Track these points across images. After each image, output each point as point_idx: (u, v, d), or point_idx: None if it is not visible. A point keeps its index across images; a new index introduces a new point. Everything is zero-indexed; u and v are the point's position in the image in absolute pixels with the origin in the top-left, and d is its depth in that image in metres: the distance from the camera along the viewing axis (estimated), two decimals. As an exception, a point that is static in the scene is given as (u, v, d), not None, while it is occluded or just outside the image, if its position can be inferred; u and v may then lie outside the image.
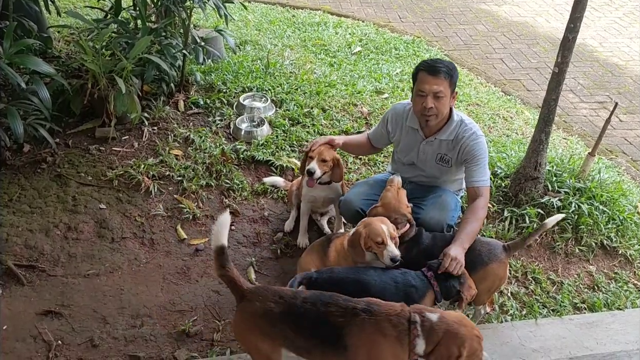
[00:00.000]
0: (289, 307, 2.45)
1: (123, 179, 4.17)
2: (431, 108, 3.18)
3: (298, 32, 7.11)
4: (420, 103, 3.22)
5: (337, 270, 2.87)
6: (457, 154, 3.35)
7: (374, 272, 2.86)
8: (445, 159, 3.41)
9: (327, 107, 5.16)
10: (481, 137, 3.33)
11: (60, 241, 3.70)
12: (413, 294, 2.78)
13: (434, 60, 3.24)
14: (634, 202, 4.30)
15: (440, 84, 3.14)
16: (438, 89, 3.14)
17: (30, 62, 3.85)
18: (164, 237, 3.84)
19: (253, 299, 2.51)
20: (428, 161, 3.46)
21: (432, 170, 3.50)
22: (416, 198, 3.45)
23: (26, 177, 4.11)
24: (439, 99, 3.16)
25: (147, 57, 4.44)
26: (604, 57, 7.48)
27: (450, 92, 3.21)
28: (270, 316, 2.46)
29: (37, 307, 3.26)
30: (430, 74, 3.15)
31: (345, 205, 3.56)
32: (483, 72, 6.79)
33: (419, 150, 3.45)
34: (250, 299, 2.52)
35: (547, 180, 4.16)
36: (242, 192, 4.21)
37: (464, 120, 3.35)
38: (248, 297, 2.52)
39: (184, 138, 4.62)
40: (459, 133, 3.32)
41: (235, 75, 5.52)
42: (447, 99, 3.20)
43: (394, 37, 7.29)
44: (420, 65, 3.25)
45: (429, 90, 3.15)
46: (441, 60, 3.24)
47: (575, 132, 5.66)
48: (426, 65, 3.21)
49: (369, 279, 2.79)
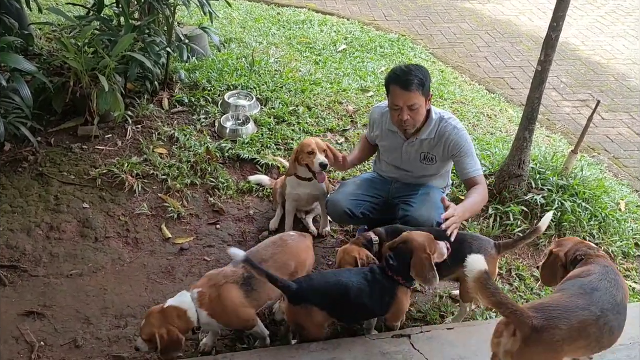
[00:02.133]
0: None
1: (106, 177, 4.13)
2: (407, 120, 3.19)
3: (283, 30, 7.10)
4: (395, 115, 3.22)
5: (315, 277, 2.87)
6: (442, 150, 3.36)
7: (348, 273, 2.85)
8: (429, 157, 3.42)
9: (312, 105, 5.16)
10: (462, 129, 3.34)
11: (42, 241, 3.66)
12: (385, 290, 2.80)
13: (404, 72, 3.14)
14: (616, 199, 4.35)
15: (413, 97, 3.12)
16: (411, 102, 3.13)
17: (11, 60, 3.79)
18: (148, 236, 3.81)
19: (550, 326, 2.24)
20: (412, 161, 3.47)
21: (418, 170, 3.50)
22: (403, 196, 3.46)
23: (7, 176, 4.05)
24: (413, 111, 3.17)
25: (130, 55, 4.39)
26: (586, 55, 7.56)
27: (425, 100, 3.20)
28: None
29: (18, 308, 3.22)
30: (402, 88, 3.12)
31: (332, 205, 3.54)
32: (467, 70, 6.83)
33: (402, 151, 3.46)
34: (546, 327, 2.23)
35: (530, 178, 4.20)
36: (227, 191, 4.19)
37: (443, 116, 3.36)
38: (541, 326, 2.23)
39: (168, 136, 4.59)
40: (440, 130, 3.33)
41: (220, 73, 5.49)
42: (422, 108, 3.20)
43: (379, 35, 7.30)
44: (392, 77, 3.19)
45: (402, 104, 3.15)
46: (411, 70, 3.15)
47: (558, 130, 5.72)
48: (397, 79, 3.15)
49: (346, 281, 2.78)
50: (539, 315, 2.22)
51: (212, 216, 4.02)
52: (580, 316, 2.25)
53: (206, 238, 3.84)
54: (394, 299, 2.82)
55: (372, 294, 2.77)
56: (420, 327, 3.07)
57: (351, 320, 3.08)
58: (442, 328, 3.06)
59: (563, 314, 2.24)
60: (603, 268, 2.50)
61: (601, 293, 2.35)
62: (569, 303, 2.30)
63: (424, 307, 3.40)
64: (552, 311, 2.25)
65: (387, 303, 2.82)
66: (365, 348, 2.83)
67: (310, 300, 2.70)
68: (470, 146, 3.34)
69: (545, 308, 2.26)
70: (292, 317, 2.76)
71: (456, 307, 3.42)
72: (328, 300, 2.73)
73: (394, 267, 2.78)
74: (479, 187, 3.25)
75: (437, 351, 2.86)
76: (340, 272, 2.88)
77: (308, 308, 2.70)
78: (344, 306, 2.76)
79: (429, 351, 2.85)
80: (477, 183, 3.27)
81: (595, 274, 2.46)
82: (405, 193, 3.49)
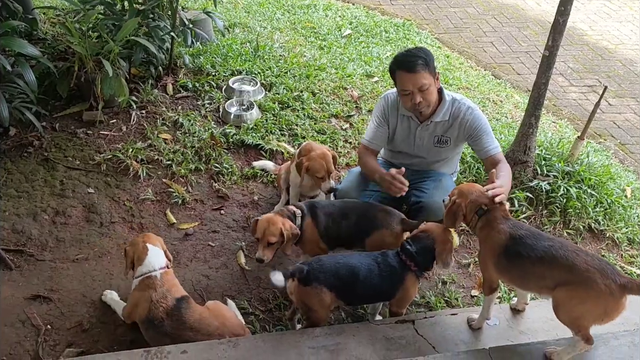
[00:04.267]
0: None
1: (111, 163, 4.14)
2: (420, 102, 3.15)
3: (288, 15, 7.05)
4: (408, 100, 3.18)
5: (325, 259, 2.88)
6: (457, 132, 3.33)
7: (358, 256, 2.89)
8: (443, 139, 3.38)
9: (317, 91, 5.14)
10: (477, 109, 3.32)
11: (49, 225, 3.67)
12: (394, 275, 2.82)
13: (406, 55, 3.13)
14: (622, 186, 4.34)
15: (420, 78, 3.09)
16: (420, 83, 3.10)
17: (16, 44, 3.78)
18: (153, 222, 3.82)
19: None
20: (425, 146, 3.43)
21: (431, 155, 3.47)
22: (415, 183, 3.40)
23: (12, 161, 4.07)
24: (424, 92, 3.13)
25: (134, 40, 4.38)
26: (594, 40, 7.49)
27: (433, 78, 3.17)
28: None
29: (25, 292, 3.24)
30: (408, 72, 3.09)
31: (341, 195, 3.49)
32: (473, 56, 6.78)
33: (415, 137, 3.41)
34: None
35: (536, 164, 4.18)
36: (231, 176, 4.19)
37: (456, 98, 3.33)
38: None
39: (172, 122, 4.58)
40: (454, 111, 3.29)
41: (224, 58, 5.47)
42: (432, 87, 3.16)
43: (384, 20, 7.25)
44: (395, 63, 3.17)
45: (412, 88, 3.11)
46: (413, 52, 3.14)
47: (564, 116, 5.68)
48: (401, 64, 3.13)
49: (355, 262, 2.80)
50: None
51: (217, 202, 4.02)
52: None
53: (211, 223, 3.85)
54: (402, 283, 2.84)
55: (381, 276, 2.79)
56: (425, 313, 3.08)
57: (358, 302, 3.10)
58: (446, 314, 3.07)
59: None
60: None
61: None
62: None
63: (428, 293, 3.41)
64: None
65: (395, 287, 2.84)
66: (369, 333, 2.84)
67: (319, 281, 2.72)
68: (487, 124, 3.32)
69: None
70: (300, 297, 2.78)
71: (460, 292, 3.43)
72: (337, 281, 2.74)
73: (411, 253, 2.82)
74: (504, 166, 3.19)
75: (441, 337, 2.87)
76: (351, 255, 2.91)
77: (317, 288, 2.72)
78: (353, 288, 2.78)
79: (433, 337, 2.86)
80: (499, 160, 3.24)
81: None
82: (417, 179, 3.44)
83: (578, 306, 2.43)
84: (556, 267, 2.45)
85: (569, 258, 2.42)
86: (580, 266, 2.39)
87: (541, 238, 2.55)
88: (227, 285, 3.40)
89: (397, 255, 2.86)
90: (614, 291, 2.33)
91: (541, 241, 2.53)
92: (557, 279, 2.45)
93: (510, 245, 2.59)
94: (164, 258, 3.01)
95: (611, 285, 2.33)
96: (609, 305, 2.37)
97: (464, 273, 3.63)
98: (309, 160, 3.46)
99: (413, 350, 2.76)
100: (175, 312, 2.79)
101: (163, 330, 2.77)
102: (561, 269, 2.44)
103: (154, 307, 2.79)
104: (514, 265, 2.60)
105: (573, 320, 2.47)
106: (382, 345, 2.77)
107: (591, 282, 2.35)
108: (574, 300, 2.42)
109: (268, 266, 3.27)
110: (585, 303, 2.41)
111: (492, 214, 2.69)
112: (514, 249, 2.57)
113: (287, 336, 2.84)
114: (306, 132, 4.62)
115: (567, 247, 2.48)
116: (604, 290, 2.33)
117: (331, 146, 4.52)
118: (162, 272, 2.93)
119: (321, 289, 2.72)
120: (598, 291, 2.34)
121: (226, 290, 3.36)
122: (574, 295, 2.41)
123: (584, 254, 2.44)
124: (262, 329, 3.12)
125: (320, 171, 3.44)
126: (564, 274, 2.43)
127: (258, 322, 3.15)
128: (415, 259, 2.82)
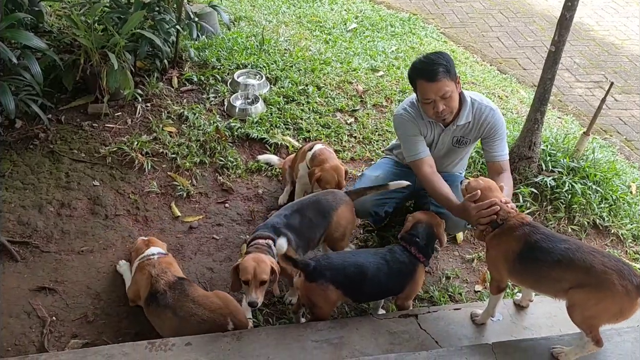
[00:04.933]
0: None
1: (116, 155, 4.15)
2: (443, 110, 3.07)
3: (293, 8, 7.03)
4: (430, 109, 3.10)
5: (333, 257, 2.89)
6: (478, 133, 3.29)
7: (366, 254, 2.90)
8: (462, 140, 3.34)
9: (322, 85, 5.13)
10: (498, 110, 3.29)
11: (54, 218, 3.69)
12: (404, 270, 2.84)
13: (427, 63, 3.02)
14: (627, 182, 4.32)
15: (442, 86, 3.00)
16: (442, 92, 3.01)
17: (22, 37, 3.79)
18: (157, 215, 3.84)
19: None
20: (444, 148, 3.40)
21: (447, 155, 3.45)
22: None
23: (18, 153, 4.08)
24: (447, 99, 3.05)
25: (140, 33, 4.38)
26: (601, 36, 7.45)
27: (455, 84, 3.08)
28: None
29: (30, 284, 3.26)
30: (429, 81, 3.00)
31: (358, 205, 3.42)
32: (479, 51, 6.75)
33: (437, 142, 3.36)
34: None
35: (541, 160, 4.17)
36: (236, 170, 4.19)
37: (475, 98, 3.27)
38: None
39: (177, 115, 4.59)
40: (477, 112, 3.24)
41: (230, 51, 5.46)
42: (454, 93, 3.08)
43: (390, 14, 7.22)
44: (415, 72, 3.07)
45: (434, 97, 3.03)
46: (434, 59, 3.02)
47: (570, 112, 5.66)
48: (422, 72, 3.03)
49: (363, 260, 2.81)
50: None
51: (221, 195, 4.03)
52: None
53: (215, 217, 3.86)
54: (413, 277, 2.86)
55: (390, 273, 2.81)
56: (428, 308, 3.08)
57: (366, 299, 3.12)
58: (450, 309, 3.07)
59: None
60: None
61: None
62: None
63: (431, 288, 3.41)
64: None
65: (405, 282, 2.87)
66: (372, 327, 2.85)
67: (326, 278, 2.72)
68: (505, 129, 3.30)
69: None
70: (306, 293, 2.78)
71: (464, 287, 3.43)
72: (344, 279, 2.75)
73: (421, 246, 2.86)
74: (508, 176, 3.21)
75: (444, 331, 2.87)
76: (359, 252, 2.93)
77: (324, 285, 2.72)
78: (360, 286, 2.79)
79: (436, 331, 2.86)
80: (505, 169, 3.24)
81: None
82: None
83: (594, 307, 2.42)
84: (573, 270, 2.44)
85: (586, 260, 2.41)
86: (597, 268, 2.38)
87: (556, 240, 2.53)
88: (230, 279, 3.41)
89: (406, 250, 2.87)
90: (631, 292, 2.33)
91: (557, 244, 2.50)
92: (574, 281, 2.44)
93: (526, 250, 2.57)
94: (164, 250, 3.14)
95: (628, 285, 2.32)
96: (625, 305, 2.37)
97: (468, 268, 3.63)
98: (321, 172, 3.46)
99: (416, 345, 2.76)
100: (177, 286, 2.87)
101: (165, 301, 2.81)
102: (578, 271, 2.42)
103: (154, 282, 2.88)
104: (528, 269, 2.59)
105: (586, 320, 2.46)
106: (385, 340, 2.78)
107: (609, 283, 2.34)
108: (590, 302, 2.41)
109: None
110: (601, 304, 2.40)
111: (507, 225, 2.65)
112: (529, 254, 2.55)
113: (291, 329, 2.85)
114: (311, 126, 4.62)
115: (583, 249, 2.46)
116: (621, 291, 2.32)
117: (336, 140, 4.52)
118: (160, 257, 3.05)
119: (327, 286, 2.72)
120: (615, 292, 2.34)
121: (230, 284, 3.36)
122: (591, 296, 2.40)
123: (600, 255, 2.43)
124: (265, 322, 3.13)
125: (331, 182, 3.44)
126: (581, 275, 2.42)
127: (262, 316, 3.16)
128: (424, 250, 2.86)
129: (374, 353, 2.69)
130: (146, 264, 3.00)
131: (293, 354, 2.66)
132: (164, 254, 3.12)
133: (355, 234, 3.77)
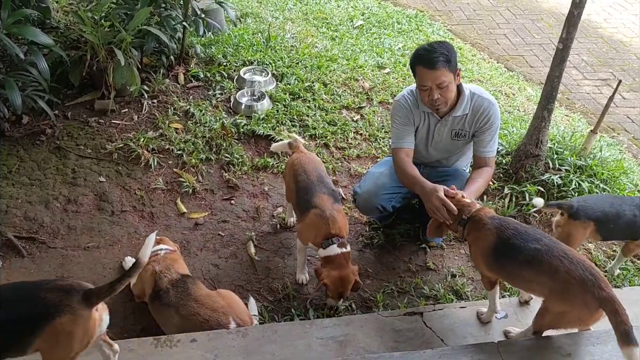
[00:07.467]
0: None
1: (122, 152, 4.16)
2: (438, 99, 3.10)
3: (300, 5, 7.02)
4: (426, 96, 3.13)
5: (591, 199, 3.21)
6: (476, 125, 3.29)
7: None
8: (461, 133, 3.34)
9: (328, 82, 5.12)
10: (496, 104, 3.30)
11: (60, 213, 3.70)
12: None
13: (428, 51, 3.05)
14: (635, 181, 4.29)
15: (440, 75, 3.02)
16: (439, 80, 3.04)
17: (29, 33, 3.81)
18: (163, 211, 3.84)
19: None
20: (443, 141, 3.39)
21: (448, 148, 3.44)
22: (436, 181, 3.23)
23: (25, 149, 4.10)
24: (443, 89, 3.07)
25: (146, 29, 4.39)
26: (609, 33, 7.40)
27: (453, 76, 3.10)
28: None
29: (36, 279, 3.27)
30: (428, 68, 3.03)
31: (364, 200, 3.42)
32: (486, 48, 6.72)
33: (433, 133, 3.36)
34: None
35: (548, 158, 4.15)
36: (242, 167, 4.19)
37: (474, 91, 3.27)
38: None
39: (183, 111, 4.59)
40: (475, 105, 3.24)
41: (236, 48, 5.46)
42: (452, 84, 3.10)
43: (397, 11, 7.20)
44: (416, 58, 3.10)
45: (431, 84, 3.06)
46: (436, 48, 3.05)
47: (577, 110, 5.63)
48: (422, 59, 3.06)
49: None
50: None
51: (227, 192, 4.03)
52: None
53: (221, 213, 3.86)
54: None
55: None
56: (433, 305, 3.08)
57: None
58: (455, 307, 3.07)
59: None
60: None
61: None
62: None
63: (437, 286, 3.40)
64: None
65: None
66: (377, 325, 2.85)
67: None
68: (498, 125, 3.33)
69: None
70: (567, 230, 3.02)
71: (470, 285, 3.42)
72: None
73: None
74: (488, 171, 3.28)
75: (449, 329, 2.87)
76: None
77: (586, 223, 3.02)
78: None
79: (442, 329, 2.86)
80: (489, 165, 3.29)
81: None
82: (437, 177, 3.37)
83: (554, 312, 2.44)
84: (540, 272, 2.43)
85: (552, 264, 2.39)
86: (561, 275, 2.36)
87: (529, 238, 2.51)
88: (236, 275, 3.42)
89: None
90: (590, 304, 2.30)
91: (528, 242, 2.49)
92: (541, 283, 2.44)
93: (500, 246, 2.57)
94: (172, 247, 3.15)
95: (588, 297, 2.29)
96: (583, 316, 2.38)
97: (474, 266, 3.61)
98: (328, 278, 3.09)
99: (421, 343, 2.76)
100: (180, 284, 2.87)
101: (168, 300, 2.82)
102: (544, 275, 2.42)
103: (158, 279, 2.89)
104: (501, 265, 2.61)
105: (547, 323, 2.52)
106: (390, 337, 2.78)
107: (569, 294, 2.34)
108: (552, 306, 2.44)
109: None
110: (560, 311, 2.42)
111: (475, 217, 2.70)
112: (502, 251, 2.56)
113: (296, 327, 2.86)
114: (317, 123, 4.61)
115: (554, 252, 2.43)
116: (580, 303, 2.33)
117: (342, 137, 4.51)
118: (167, 252, 3.06)
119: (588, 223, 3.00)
120: (574, 303, 2.35)
121: (235, 280, 3.37)
122: (552, 301, 2.43)
123: (568, 261, 2.38)
124: (270, 319, 3.13)
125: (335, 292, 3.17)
126: (546, 279, 2.41)
127: (267, 312, 3.16)
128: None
129: (379, 351, 2.69)
130: (151, 260, 3.00)
131: (298, 351, 2.67)
132: (171, 250, 3.13)
133: (360, 232, 3.77)
